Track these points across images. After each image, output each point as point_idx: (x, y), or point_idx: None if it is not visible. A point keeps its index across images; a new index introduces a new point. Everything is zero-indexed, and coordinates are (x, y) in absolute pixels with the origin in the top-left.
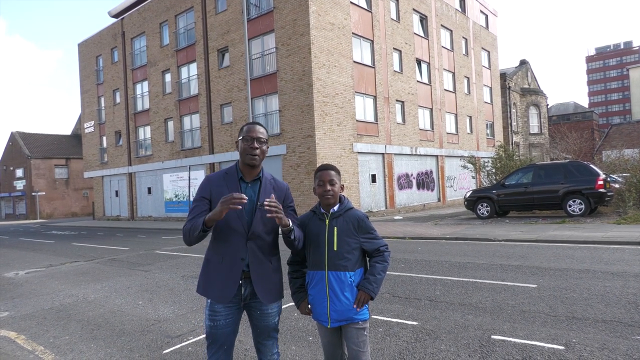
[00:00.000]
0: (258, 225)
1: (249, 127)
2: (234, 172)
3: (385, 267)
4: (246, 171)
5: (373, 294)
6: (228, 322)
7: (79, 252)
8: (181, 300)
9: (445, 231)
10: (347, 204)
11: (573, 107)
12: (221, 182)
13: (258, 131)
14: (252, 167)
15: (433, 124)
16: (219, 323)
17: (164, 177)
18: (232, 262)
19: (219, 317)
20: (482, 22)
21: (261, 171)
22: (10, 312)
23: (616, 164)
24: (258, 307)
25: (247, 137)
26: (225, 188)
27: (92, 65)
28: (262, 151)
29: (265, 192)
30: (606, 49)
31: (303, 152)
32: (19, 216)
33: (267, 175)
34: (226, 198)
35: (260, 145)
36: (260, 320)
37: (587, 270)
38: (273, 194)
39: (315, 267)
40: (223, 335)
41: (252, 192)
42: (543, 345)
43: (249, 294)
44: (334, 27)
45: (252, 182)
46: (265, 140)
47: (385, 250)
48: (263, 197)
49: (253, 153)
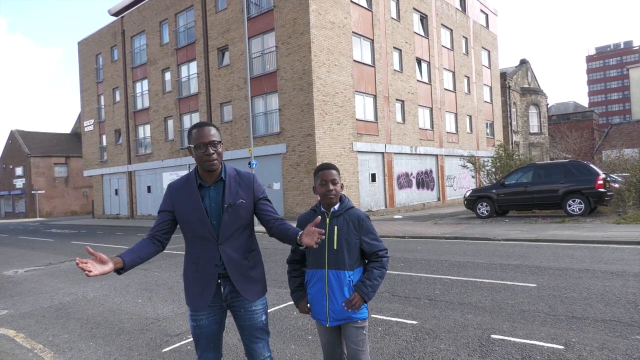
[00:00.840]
0: (228, 228)
1: (198, 132)
2: (193, 178)
3: (383, 273)
4: (206, 176)
5: (367, 297)
6: (211, 321)
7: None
8: (180, 298)
9: (444, 230)
10: (348, 203)
11: (573, 106)
12: (181, 190)
13: (209, 134)
14: (212, 172)
15: (433, 123)
16: (201, 323)
17: (163, 176)
18: (205, 269)
19: (201, 317)
20: (482, 22)
21: (222, 170)
22: (10, 310)
23: (616, 164)
24: (241, 306)
25: (199, 144)
26: (187, 196)
27: (92, 64)
28: (218, 154)
29: (230, 192)
30: (606, 48)
31: (303, 151)
32: (18, 214)
33: (230, 172)
34: None
35: (216, 148)
36: (244, 320)
37: (586, 269)
38: (241, 191)
39: (315, 266)
40: (208, 334)
41: (215, 194)
42: (542, 345)
43: (229, 293)
44: (334, 26)
45: (215, 183)
46: (219, 141)
47: (384, 255)
48: (228, 197)
49: (210, 160)
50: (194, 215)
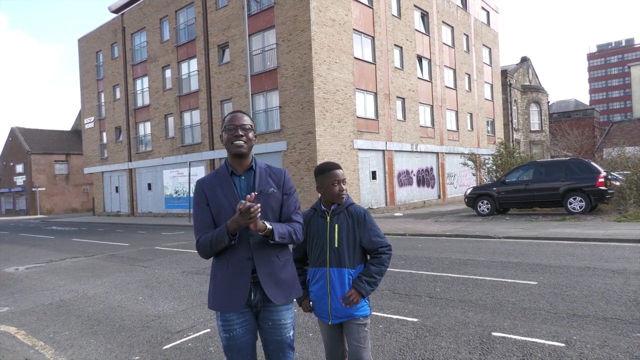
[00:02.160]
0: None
1: (231, 116)
2: (224, 168)
3: (381, 270)
4: (236, 164)
5: (364, 292)
6: (246, 330)
7: (79, 247)
8: (181, 296)
9: (445, 228)
10: (348, 200)
11: (574, 104)
12: (213, 182)
13: (241, 119)
14: (241, 157)
15: (434, 120)
16: (235, 333)
17: (164, 173)
18: (238, 264)
19: (235, 326)
20: (483, 19)
21: (253, 160)
22: (10, 308)
23: (617, 162)
24: (269, 317)
25: (229, 126)
26: (218, 187)
27: (92, 61)
28: (248, 139)
29: (261, 181)
30: (607, 46)
31: (303, 149)
32: (19, 212)
33: (260, 164)
34: (243, 212)
35: (246, 132)
36: (272, 334)
37: (587, 267)
38: (272, 182)
39: (317, 264)
40: (243, 345)
41: (245, 184)
42: (544, 343)
43: (259, 300)
44: (335, 23)
45: (245, 173)
46: (250, 127)
47: (384, 252)
48: (259, 186)
49: (238, 141)
50: (227, 204)
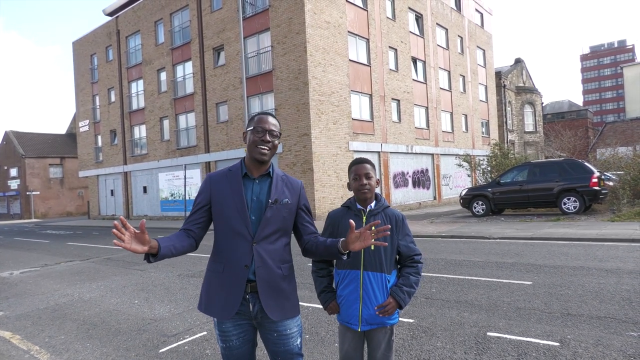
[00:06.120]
0: (267, 225)
1: (261, 117)
2: (238, 168)
3: (418, 280)
4: (253, 167)
5: (403, 303)
6: (243, 341)
7: (74, 251)
8: (177, 299)
9: (441, 229)
10: (384, 202)
11: (567, 105)
12: (223, 180)
13: (271, 123)
14: (260, 163)
15: (429, 122)
16: (232, 344)
17: (159, 176)
18: (234, 270)
19: (231, 337)
20: (477, 21)
21: (271, 166)
22: (5, 312)
23: (610, 162)
24: (274, 328)
25: (258, 127)
26: (227, 186)
27: (87, 64)
28: (273, 145)
29: (276, 190)
30: (600, 47)
31: (299, 151)
32: (13, 216)
33: (278, 172)
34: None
35: (273, 139)
36: (279, 345)
37: (581, 267)
38: (287, 192)
39: (348, 266)
40: (240, 355)
41: (259, 189)
42: (538, 342)
43: (259, 311)
44: (330, 25)
45: (261, 177)
46: (278, 134)
47: (419, 260)
48: (274, 194)
49: (263, 147)
50: (232, 207)
